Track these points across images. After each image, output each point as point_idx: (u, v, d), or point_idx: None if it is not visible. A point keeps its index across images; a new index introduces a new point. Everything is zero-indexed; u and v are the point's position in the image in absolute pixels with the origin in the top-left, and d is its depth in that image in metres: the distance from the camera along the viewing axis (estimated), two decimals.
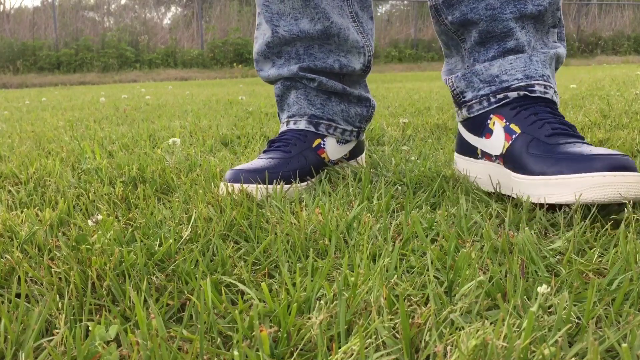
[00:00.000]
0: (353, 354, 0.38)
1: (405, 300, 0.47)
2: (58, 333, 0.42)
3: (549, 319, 0.42)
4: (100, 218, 0.65)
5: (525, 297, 0.47)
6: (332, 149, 0.98)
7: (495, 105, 0.83)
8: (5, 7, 15.11)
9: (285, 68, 0.98)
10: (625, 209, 0.64)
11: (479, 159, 0.86)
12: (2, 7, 12.76)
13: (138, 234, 0.64)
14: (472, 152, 0.87)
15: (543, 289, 0.44)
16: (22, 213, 0.73)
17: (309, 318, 0.44)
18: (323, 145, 0.96)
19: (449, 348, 0.38)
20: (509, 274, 0.49)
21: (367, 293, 0.47)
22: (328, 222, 0.64)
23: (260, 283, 0.52)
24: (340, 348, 0.39)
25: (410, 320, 0.42)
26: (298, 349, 0.41)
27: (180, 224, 0.69)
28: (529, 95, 0.81)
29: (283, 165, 0.88)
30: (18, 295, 0.51)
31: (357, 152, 1.04)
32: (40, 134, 1.61)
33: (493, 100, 0.83)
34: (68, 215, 0.75)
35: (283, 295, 0.47)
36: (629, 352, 0.35)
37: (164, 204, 0.81)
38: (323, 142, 0.97)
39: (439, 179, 0.84)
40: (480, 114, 0.85)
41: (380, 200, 0.75)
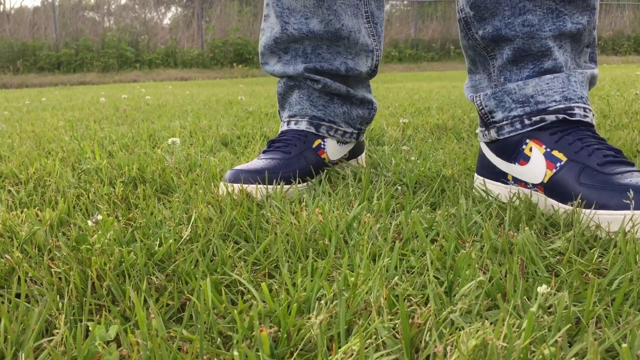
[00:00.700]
0: (353, 354, 0.38)
1: (405, 301, 0.47)
2: (58, 333, 0.42)
3: (549, 319, 0.42)
4: (100, 218, 0.65)
5: (525, 297, 0.47)
6: (332, 150, 0.97)
7: (530, 129, 0.76)
8: (5, 7, 15.11)
9: (291, 66, 0.97)
10: None
11: (509, 184, 0.79)
12: (2, 7, 12.77)
13: (138, 234, 0.64)
14: (500, 176, 0.81)
15: (543, 289, 0.44)
16: (22, 213, 0.73)
17: (309, 318, 0.44)
18: (323, 146, 0.96)
19: (449, 348, 0.38)
20: (509, 274, 0.49)
21: (367, 293, 0.47)
22: (328, 222, 0.64)
23: (260, 283, 0.52)
24: (340, 348, 0.39)
25: (410, 320, 0.42)
26: (298, 349, 0.41)
27: (180, 224, 0.69)
28: (568, 119, 0.75)
29: (283, 166, 0.88)
30: (18, 295, 0.51)
31: (357, 151, 1.05)
32: (41, 134, 1.61)
33: (528, 123, 0.77)
34: (68, 216, 0.75)
35: (283, 296, 0.47)
36: (629, 352, 0.35)
37: (164, 204, 0.81)
38: (323, 142, 0.96)
39: (439, 179, 0.84)
40: (512, 137, 0.78)
41: (380, 200, 0.75)
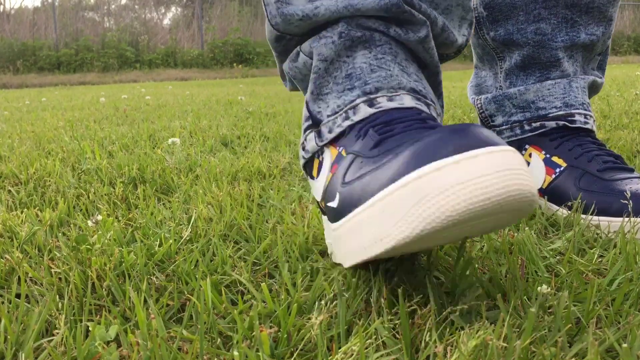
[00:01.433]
0: (353, 354, 0.38)
1: (405, 300, 0.47)
2: (58, 333, 0.42)
3: (549, 319, 0.42)
4: (100, 218, 0.65)
5: (525, 297, 0.47)
6: None
7: (530, 134, 0.77)
8: (5, 7, 15.11)
9: None
10: None
11: None
12: (2, 7, 12.77)
13: (138, 234, 0.64)
14: None
15: (543, 289, 0.44)
16: (22, 213, 0.73)
17: (309, 318, 0.44)
18: None
19: (449, 348, 0.38)
20: (509, 274, 0.49)
21: (367, 293, 0.47)
22: None
23: (261, 283, 0.52)
24: (340, 348, 0.39)
25: (410, 320, 0.42)
26: (298, 349, 0.41)
27: (180, 224, 0.69)
28: (569, 126, 0.75)
29: None
30: (18, 296, 0.51)
31: None
32: (40, 134, 1.61)
33: (527, 129, 0.77)
34: (68, 216, 0.75)
35: (283, 296, 0.47)
36: (629, 352, 0.35)
37: (164, 204, 0.81)
38: None
39: None
40: (512, 142, 0.78)
41: None
